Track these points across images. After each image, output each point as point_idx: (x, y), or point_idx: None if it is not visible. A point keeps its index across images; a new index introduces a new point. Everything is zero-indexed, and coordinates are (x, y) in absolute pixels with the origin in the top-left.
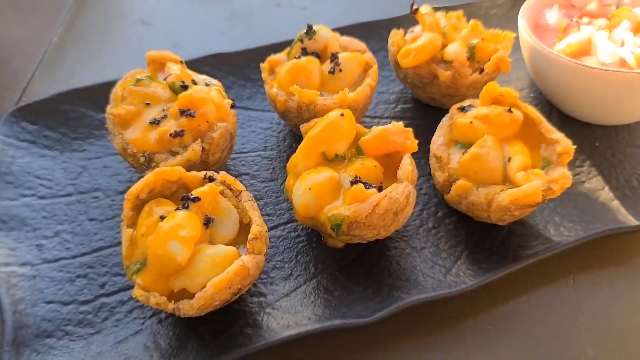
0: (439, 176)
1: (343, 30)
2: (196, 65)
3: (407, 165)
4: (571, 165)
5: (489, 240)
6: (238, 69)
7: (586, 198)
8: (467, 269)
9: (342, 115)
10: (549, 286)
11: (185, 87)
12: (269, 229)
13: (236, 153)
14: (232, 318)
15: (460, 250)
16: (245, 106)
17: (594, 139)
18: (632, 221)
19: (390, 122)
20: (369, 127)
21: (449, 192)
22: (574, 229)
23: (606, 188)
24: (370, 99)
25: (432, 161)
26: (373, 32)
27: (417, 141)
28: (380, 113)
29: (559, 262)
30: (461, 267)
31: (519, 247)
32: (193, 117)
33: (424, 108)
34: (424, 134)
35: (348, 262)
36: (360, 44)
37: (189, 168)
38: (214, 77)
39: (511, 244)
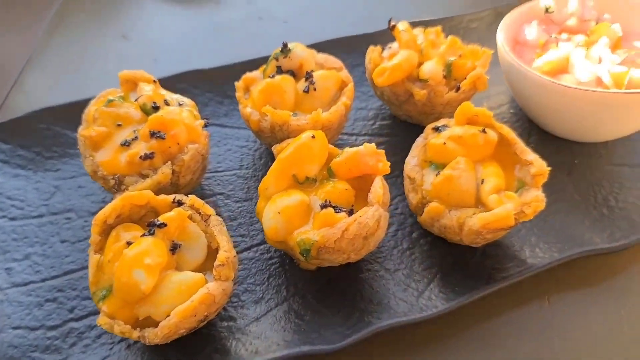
0: (412, 198)
1: (323, 45)
2: (173, 81)
3: (378, 189)
4: (549, 183)
5: (463, 262)
6: (216, 85)
7: (563, 218)
8: (439, 292)
9: (313, 137)
10: (523, 308)
11: (156, 108)
12: (242, 251)
13: (211, 172)
14: (201, 343)
15: (434, 272)
16: (221, 124)
17: (573, 157)
18: (607, 243)
19: (368, 140)
20: (346, 144)
21: (422, 214)
22: (549, 250)
23: (583, 207)
24: (346, 118)
25: (406, 182)
26: (354, 47)
27: (389, 163)
28: (358, 130)
29: (535, 283)
30: (434, 290)
31: (493, 270)
32: (163, 139)
33: (402, 125)
34: (402, 152)
35: (320, 285)
36: (336, 62)
37: (159, 190)
38: (191, 93)
39: (485, 266)
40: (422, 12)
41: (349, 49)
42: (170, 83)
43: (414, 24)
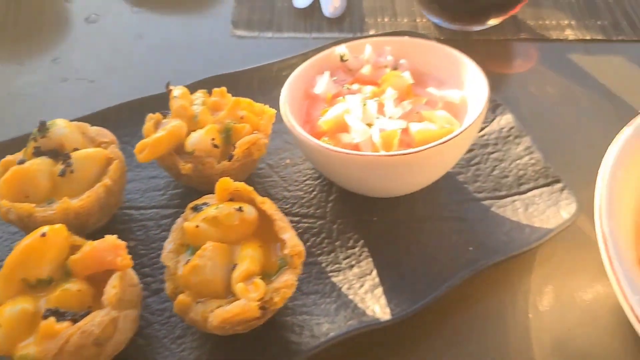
0: (167, 287)
1: (125, 106)
2: None
3: (111, 289)
4: (343, 247)
5: (229, 349)
6: None
7: (351, 287)
8: None
9: (43, 235)
10: None
11: None
12: None
13: None
14: None
15: None
16: None
17: (372, 214)
18: (386, 315)
19: (155, 212)
20: (132, 220)
21: None
22: (326, 329)
23: (374, 272)
24: (118, 196)
25: (166, 269)
26: (158, 108)
27: (129, 257)
28: (147, 202)
29: None
30: None
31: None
32: None
33: (195, 194)
34: None
35: None
36: (108, 135)
37: None
38: None
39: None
40: (240, 61)
41: (154, 109)
42: None
43: (217, 78)
